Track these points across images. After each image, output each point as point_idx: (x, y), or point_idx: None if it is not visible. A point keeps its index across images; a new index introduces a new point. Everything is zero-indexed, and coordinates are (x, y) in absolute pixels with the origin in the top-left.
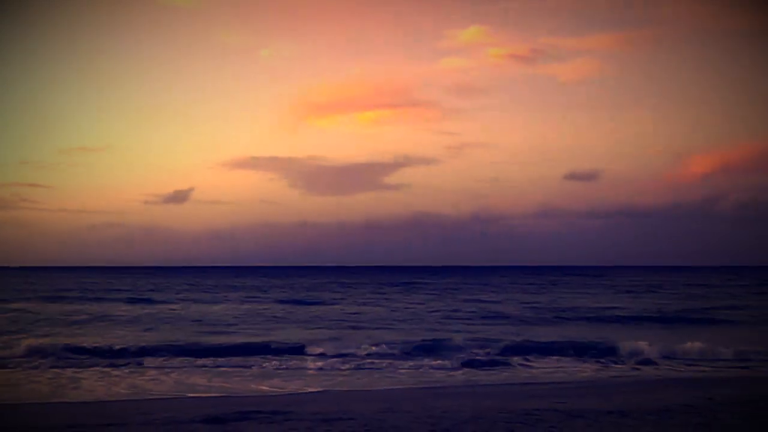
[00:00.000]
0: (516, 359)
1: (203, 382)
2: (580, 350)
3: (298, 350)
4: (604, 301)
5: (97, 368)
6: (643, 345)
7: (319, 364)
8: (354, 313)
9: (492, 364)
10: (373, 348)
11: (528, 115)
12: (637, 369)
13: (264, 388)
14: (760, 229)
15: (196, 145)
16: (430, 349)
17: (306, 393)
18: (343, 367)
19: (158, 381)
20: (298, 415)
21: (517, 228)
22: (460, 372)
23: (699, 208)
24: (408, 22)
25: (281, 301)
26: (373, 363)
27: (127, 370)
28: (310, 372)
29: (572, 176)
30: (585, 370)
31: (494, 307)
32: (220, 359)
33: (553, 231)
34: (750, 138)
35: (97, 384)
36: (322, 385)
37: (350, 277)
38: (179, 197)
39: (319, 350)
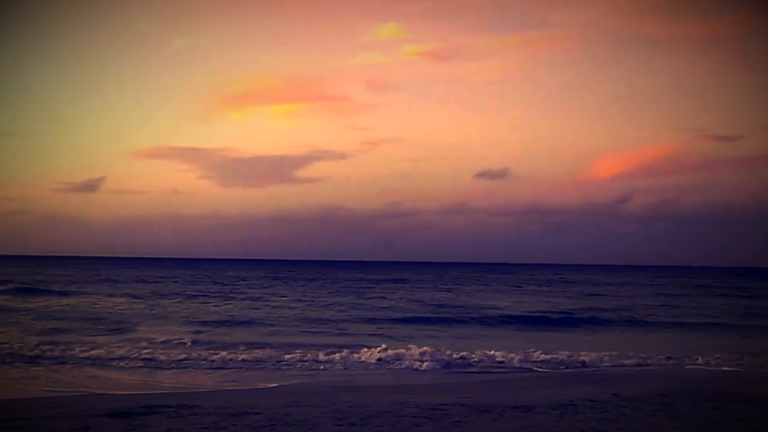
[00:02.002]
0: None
1: (108, 376)
2: None
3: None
4: (495, 299)
5: None
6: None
7: (216, 360)
8: (242, 309)
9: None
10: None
11: (441, 113)
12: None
13: (172, 383)
14: (667, 230)
15: (108, 133)
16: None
17: (214, 389)
18: (240, 364)
19: (65, 376)
20: (204, 410)
21: (428, 224)
22: (356, 369)
23: (608, 208)
24: (325, 16)
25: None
26: (262, 360)
27: (28, 367)
28: (215, 368)
29: (483, 174)
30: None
31: (381, 303)
32: (121, 355)
33: (464, 228)
34: (659, 140)
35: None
36: (229, 381)
37: (257, 270)
38: (90, 186)
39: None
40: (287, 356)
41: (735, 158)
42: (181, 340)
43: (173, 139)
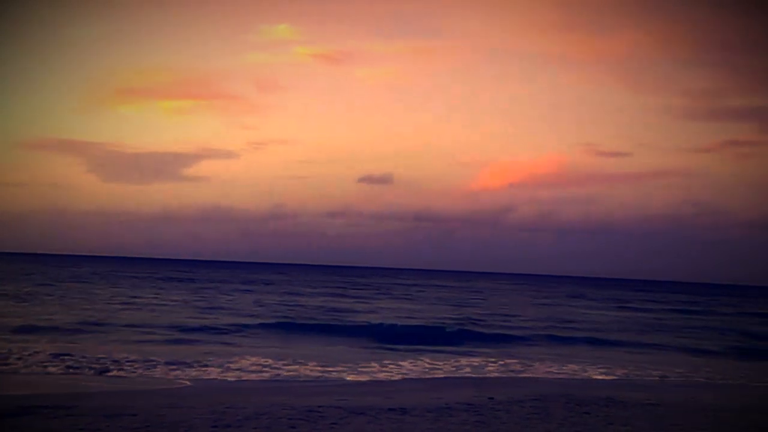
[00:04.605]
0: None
1: None
2: None
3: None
4: (361, 305)
5: None
6: None
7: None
8: (111, 313)
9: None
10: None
11: (329, 116)
12: None
13: (48, 384)
14: (550, 240)
15: None
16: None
17: (90, 390)
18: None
19: None
20: (80, 410)
21: (311, 226)
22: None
23: (493, 217)
24: (218, 13)
25: None
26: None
27: None
28: (88, 370)
29: (367, 179)
30: None
31: (238, 306)
32: None
33: (346, 232)
34: (547, 153)
35: None
36: (104, 384)
37: (136, 268)
38: None
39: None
40: (155, 358)
41: (620, 174)
42: (43, 350)
43: (57, 131)
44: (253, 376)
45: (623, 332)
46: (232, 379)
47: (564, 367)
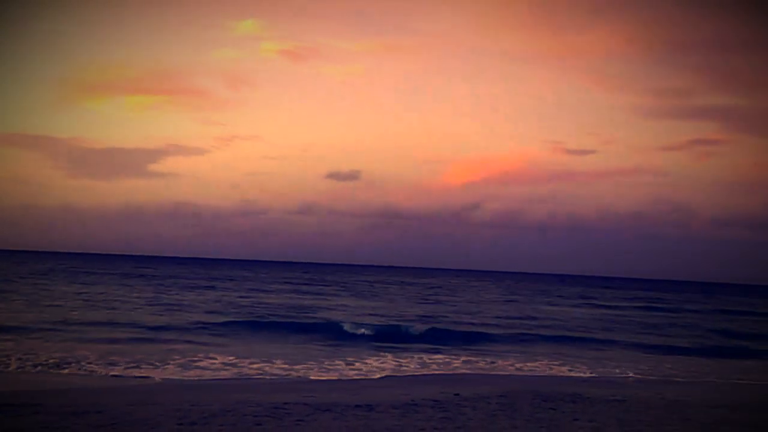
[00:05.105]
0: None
1: None
2: None
3: None
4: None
5: None
6: None
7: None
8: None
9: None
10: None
11: (296, 112)
12: None
13: (11, 382)
14: (515, 237)
15: None
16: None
17: (57, 388)
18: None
19: None
20: (46, 409)
21: (278, 223)
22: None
23: (458, 214)
24: (186, 8)
25: None
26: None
27: None
28: (50, 369)
29: (334, 175)
30: None
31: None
32: None
33: (314, 228)
34: (513, 150)
35: None
36: (71, 381)
37: (98, 265)
38: None
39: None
40: (118, 356)
41: (587, 172)
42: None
43: (22, 127)
44: (218, 374)
45: (590, 329)
46: (197, 377)
47: (530, 364)
